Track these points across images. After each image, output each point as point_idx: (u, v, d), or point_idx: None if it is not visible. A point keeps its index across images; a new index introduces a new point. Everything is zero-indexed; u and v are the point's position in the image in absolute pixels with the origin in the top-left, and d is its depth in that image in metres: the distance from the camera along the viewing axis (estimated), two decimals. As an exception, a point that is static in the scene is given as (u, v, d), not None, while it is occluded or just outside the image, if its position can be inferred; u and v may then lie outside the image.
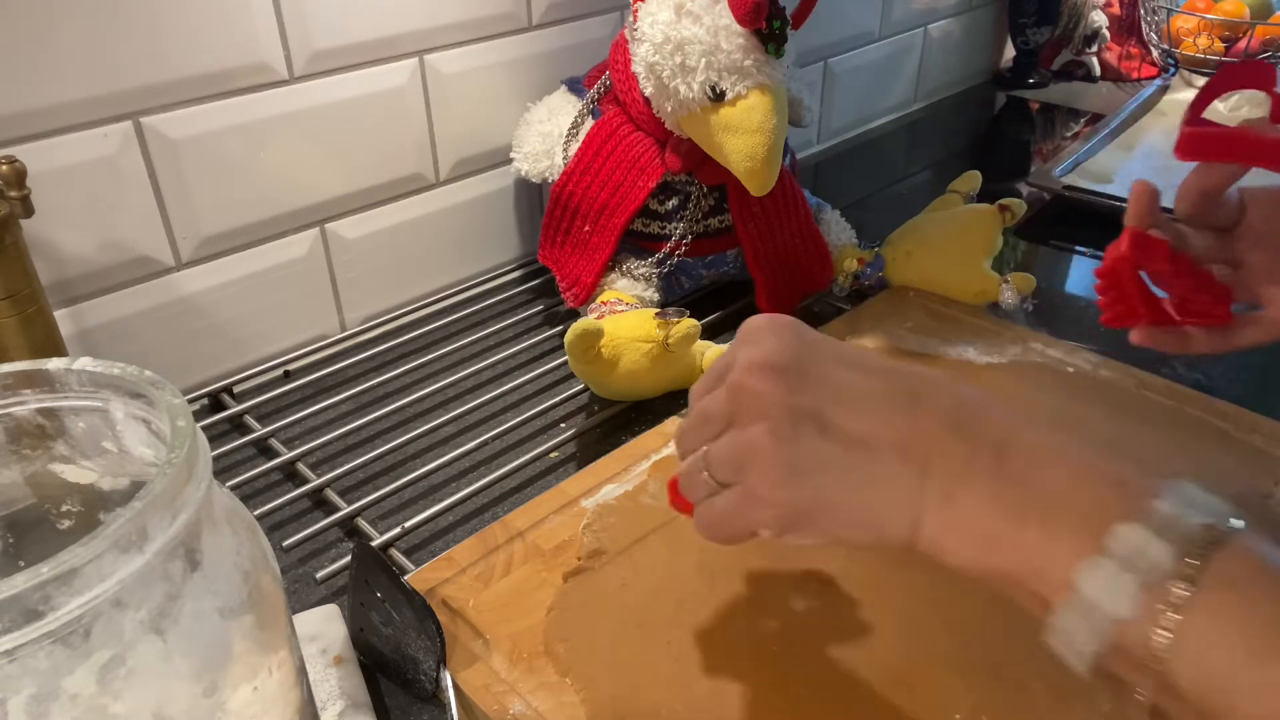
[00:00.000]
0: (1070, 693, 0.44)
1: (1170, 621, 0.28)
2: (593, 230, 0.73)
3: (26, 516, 0.36)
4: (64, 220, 0.61)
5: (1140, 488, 0.31)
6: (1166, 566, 0.29)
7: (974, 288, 0.75)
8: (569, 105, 0.78)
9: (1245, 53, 1.21)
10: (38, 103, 0.58)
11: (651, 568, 0.52)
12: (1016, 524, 0.32)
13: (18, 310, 0.54)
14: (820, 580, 0.51)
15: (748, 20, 0.62)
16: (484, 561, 0.52)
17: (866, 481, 0.35)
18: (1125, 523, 0.30)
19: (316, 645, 0.49)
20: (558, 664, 0.46)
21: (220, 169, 0.67)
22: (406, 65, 0.75)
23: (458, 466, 0.64)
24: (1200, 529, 0.29)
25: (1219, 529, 0.29)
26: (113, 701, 0.27)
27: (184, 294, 0.69)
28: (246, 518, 0.34)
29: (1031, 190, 1.02)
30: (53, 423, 0.34)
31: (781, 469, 0.35)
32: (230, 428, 0.69)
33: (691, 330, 0.64)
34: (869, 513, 0.35)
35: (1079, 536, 0.31)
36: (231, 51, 0.65)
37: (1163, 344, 0.50)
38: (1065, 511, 0.31)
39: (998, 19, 1.43)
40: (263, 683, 0.32)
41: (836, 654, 0.47)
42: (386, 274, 0.80)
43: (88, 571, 0.26)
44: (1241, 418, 0.62)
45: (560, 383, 0.72)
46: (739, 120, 0.64)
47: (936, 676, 0.45)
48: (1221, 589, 0.28)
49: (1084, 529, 0.31)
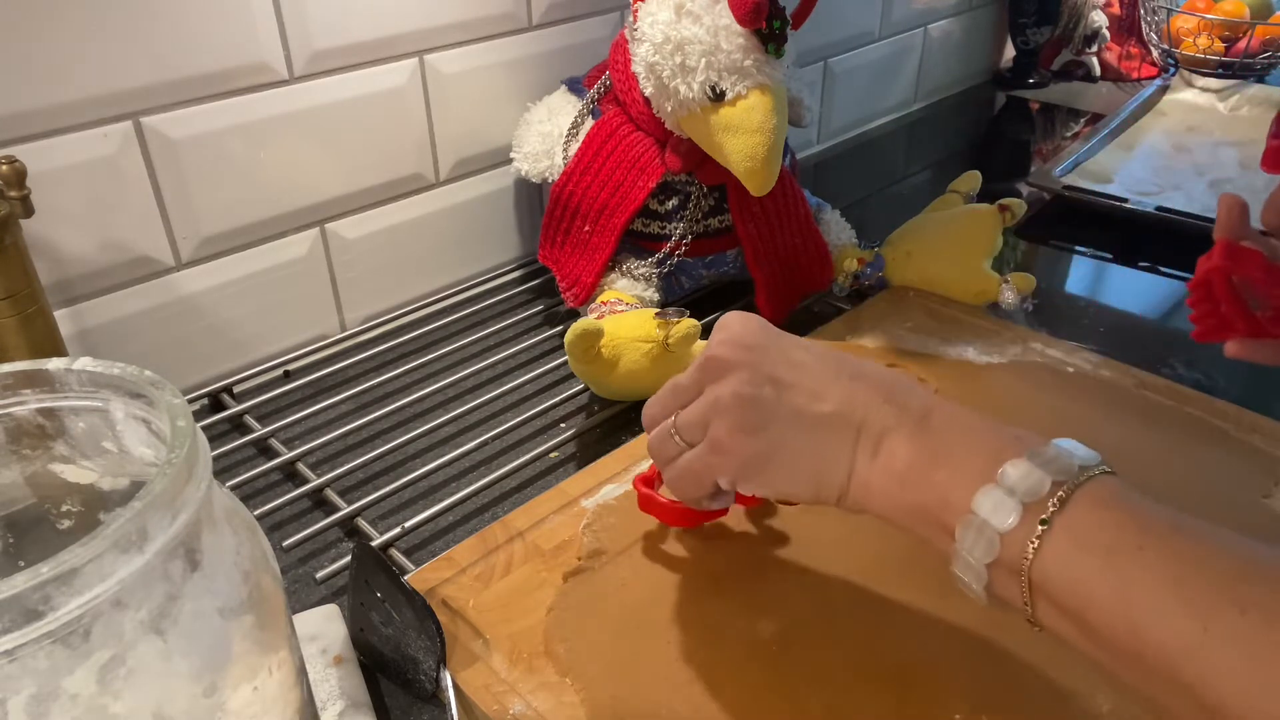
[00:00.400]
0: (1070, 693, 0.44)
1: (1040, 530, 0.35)
2: (593, 230, 0.73)
3: (26, 516, 0.36)
4: (64, 220, 0.61)
5: (1033, 439, 0.37)
6: (1043, 491, 0.35)
7: (974, 288, 0.75)
8: (569, 105, 0.78)
9: (1245, 53, 1.21)
10: (38, 103, 0.58)
11: (651, 568, 0.52)
12: (930, 465, 0.39)
13: (18, 310, 0.54)
14: (820, 580, 0.51)
15: (748, 20, 0.62)
16: (484, 561, 0.52)
17: (811, 439, 0.41)
18: (1015, 459, 0.36)
19: (316, 645, 0.49)
20: (558, 664, 0.46)
21: (220, 169, 0.67)
22: (406, 65, 0.75)
23: (458, 466, 0.64)
24: (1075, 466, 0.36)
25: (1091, 468, 0.36)
26: (113, 701, 0.27)
27: (184, 294, 0.69)
28: (246, 518, 0.34)
29: (1031, 190, 1.02)
30: (53, 423, 0.34)
31: (742, 420, 0.42)
32: (230, 428, 0.69)
33: (691, 330, 0.64)
34: (811, 466, 0.41)
35: (979, 473, 0.37)
36: (231, 51, 0.65)
37: (1260, 357, 0.50)
38: (970, 456, 0.38)
39: (998, 19, 1.43)
40: (263, 683, 0.32)
41: (836, 654, 0.47)
42: (386, 274, 0.80)
43: (88, 571, 0.26)
44: (1241, 418, 0.62)
45: (560, 383, 0.72)
46: (739, 120, 0.64)
47: (936, 676, 0.45)
48: (1085, 507, 0.35)
49: (984, 468, 0.37)
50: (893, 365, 0.69)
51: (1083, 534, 0.34)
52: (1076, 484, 0.35)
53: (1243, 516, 0.55)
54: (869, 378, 0.42)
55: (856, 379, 0.42)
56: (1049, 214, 0.99)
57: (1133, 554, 0.33)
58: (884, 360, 0.70)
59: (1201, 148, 1.09)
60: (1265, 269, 0.47)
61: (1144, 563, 0.33)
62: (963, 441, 0.39)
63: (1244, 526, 0.53)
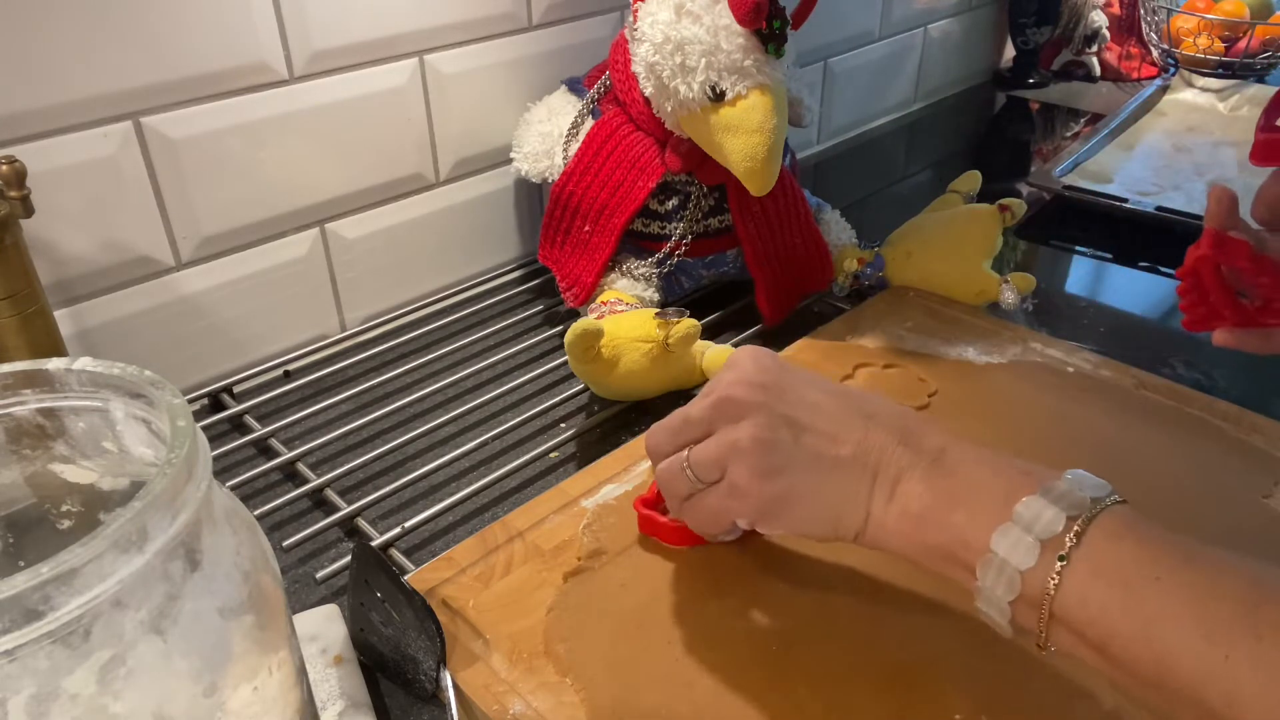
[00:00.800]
0: (1070, 693, 0.44)
1: (1059, 567, 0.35)
2: (593, 230, 0.73)
3: (26, 516, 0.36)
4: (64, 220, 0.61)
5: (1044, 474, 0.38)
6: (1058, 526, 0.36)
7: (974, 288, 0.75)
8: (569, 105, 0.78)
9: (1245, 53, 1.21)
10: (38, 103, 0.58)
11: (651, 568, 0.52)
12: (947, 507, 0.39)
13: (18, 310, 0.54)
14: (820, 580, 0.51)
15: (748, 20, 0.62)
16: (484, 561, 0.52)
17: (829, 482, 0.42)
18: (1028, 496, 0.37)
19: (316, 645, 0.49)
20: (558, 664, 0.46)
21: (220, 169, 0.67)
22: (406, 65, 0.75)
23: (458, 466, 0.64)
24: (1087, 500, 0.37)
25: (1103, 500, 0.37)
26: (113, 701, 0.27)
27: (184, 294, 0.69)
28: (246, 518, 0.34)
29: (1031, 190, 1.02)
30: (53, 423, 0.34)
31: (760, 464, 0.42)
32: (230, 428, 0.69)
33: (691, 330, 0.64)
34: (828, 508, 0.42)
35: (994, 512, 0.38)
36: (231, 51, 0.65)
37: (1248, 345, 0.50)
38: (985, 495, 0.39)
39: (998, 19, 1.43)
40: (263, 683, 0.32)
41: (836, 654, 0.47)
42: (386, 274, 0.80)
43: (88, 571, 0.26)
44: (1241, 418, 0.62)
45: (560, 383, 0.72)
46: (739, 120, 0.64)
47: (936, 676, 0.45)
48: (1100, 540, 0.36)
49: (998, 507, 0.38)
50: (892, 365, 0.69)
51: (1100, 568, 0.35)
52: (1090, 517, 0.36)
53: (1243, 516, 0.55)
54: (883, 418, 0.43)
55: (871, 420, 0.43)
56: (1049, 214, 0.99)
57: (1150, 585, 0.34)
58: (884, 360, 0.70)
59: (1201, 148, 1.09)
60: (1252, 258, 0.48)
61: (1161, 593, 0.34)
62: (976, 481, 0.40)
63: (1244, 526, 0.54)
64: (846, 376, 0.68)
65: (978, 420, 0.63)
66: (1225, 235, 0.48)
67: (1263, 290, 0.49)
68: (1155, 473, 0.58)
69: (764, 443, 0.42)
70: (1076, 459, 0.40)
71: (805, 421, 0.43)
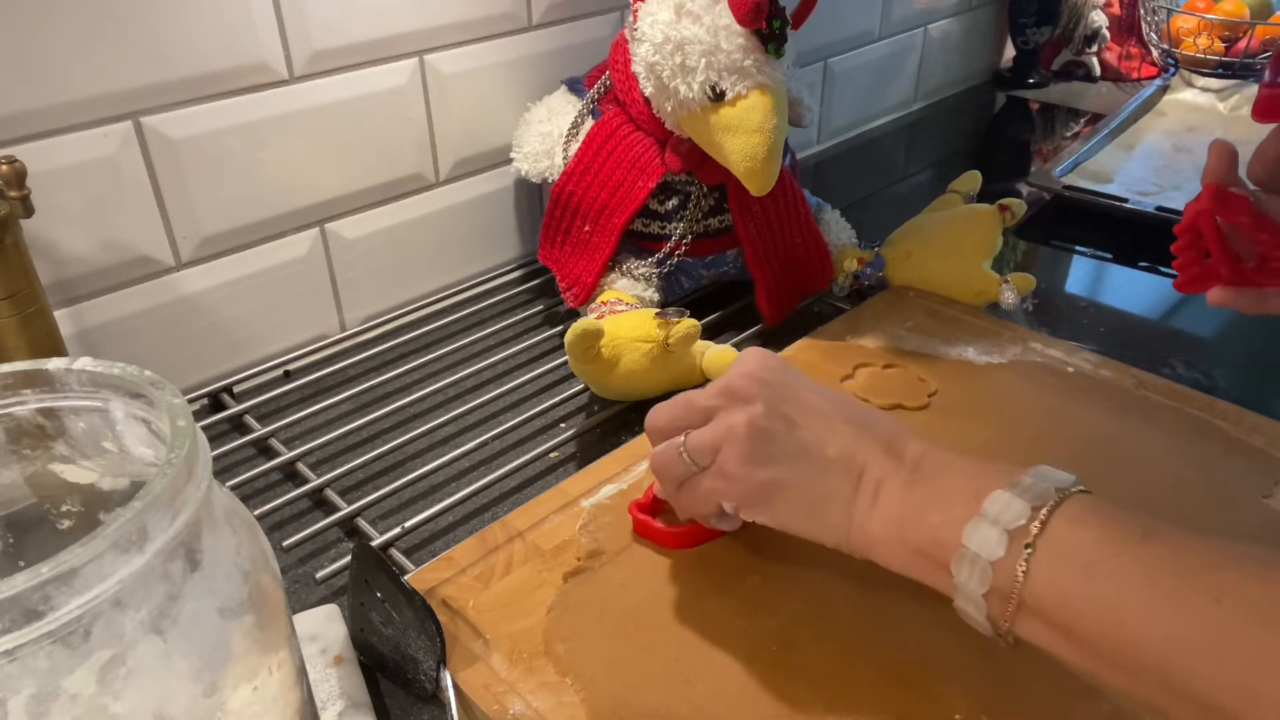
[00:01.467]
0: (1070, 693, 0.44)
1: (1026, 555, 0.37)
2: (593, 230, 0.73)
3: (26, 516, 0.36)
4: (64, 220, 0.61)
5: (1013, 471, 0.40)
6: (1024, 517, 0.37)
7: (974, 288, 0.75)
8: (569, 105, 0.78)
9: (1245, 53, 1.21)
10: (38, 103, 0.58)
11: (651, 568, 0.52)
12: (924, 509, 0.41)
13: (18, 310, 0.54)
14: (820, 580, 0.51)
15: (748, 20, 0.62)
16: (484, 561, 0.52)
17: (815, 477, 0.44)
18: (996, 491, 0.39)
19: (316, 645, 0.49)
20: (558, 664, 0.46)
21: (220, 169, 0.67)
22: (406, 65, 0.75)
23: (458, 466, 0.64)
24: (1051, 490, 0.38)
25: (1066, 490, 0.38)
26: (113, 701, 0.27)
27: (184, 294, 0.69)
28: (246, 518, 0.34)
29: (1031, 190, 1.02)
30: (53, 423, 0.34)
31: (751, 451, 0.44)
32: (230, 428, 0.69)
33: (691, 330, 0.64)
34: (812, 503, 0.44)
35: (967, 509, 0.39)
36: (231, 51, 0.65)
37: (1242, 305, 0.50)
38: (957, 495, 0.40)
39: (998, 19, 1.43)
40: (263, 683, 0.32)
41: (836, 653, 0.47)
42: (386, 274, 0.80)
43: (88, 571, 0.26)
44: (1241, 418, 0.62)
45: (560, 383, 0.72)
46: (739, 120, 0.64)
47: (936, 676, 0.45)
48: (1063, 526, 0.37)
49: (970, 504, 0.39)
50: (892, 365, 0.69)
51: (1064, 552, 0.36)
52: (1055, 505, 0.37)
53: (1243, 516, 0.55)
54: (873, 427, 0.45)
55: (862, 427, 0.45)
56: (1049, 214, 0.99)
57: (1110, 562, 0.35)
58: (884, 360, 0.70)
59: (1201, 148, 1.09)
60: (1252, 214, 0.47)
61: (1120, 570, 0.35)
62: (950, 482, 0.41)
63: (1244, 526, 0.54)
64: (846, 376, 0.68)
65: (978, 420, 0.63)
66: (1226, 190, 0.47)
67: (1262, 247, 0.47)
68: (1155, 473, 0.58)
69: (759, 431, 0.44)
70: (1076, 459, 0.40)
71: (800, 419, 0.45)
